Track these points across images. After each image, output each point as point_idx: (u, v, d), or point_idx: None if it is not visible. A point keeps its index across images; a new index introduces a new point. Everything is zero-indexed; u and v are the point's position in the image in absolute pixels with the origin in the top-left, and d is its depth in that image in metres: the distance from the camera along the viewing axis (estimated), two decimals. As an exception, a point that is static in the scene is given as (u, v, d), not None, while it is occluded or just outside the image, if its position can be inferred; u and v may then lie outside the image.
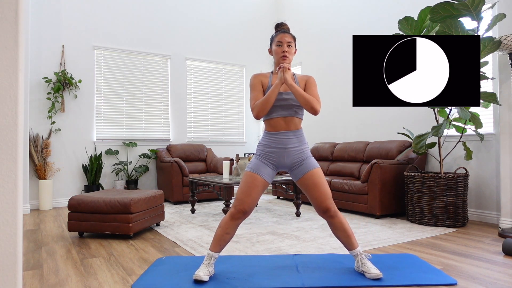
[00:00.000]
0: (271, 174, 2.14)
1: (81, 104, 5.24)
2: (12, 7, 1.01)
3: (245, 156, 4.05)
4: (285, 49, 2.12)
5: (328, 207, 2.08)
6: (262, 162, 2.12)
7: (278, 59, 2.15)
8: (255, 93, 2.13)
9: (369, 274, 2.03)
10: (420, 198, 3.56)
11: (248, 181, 2.08)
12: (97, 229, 3.09)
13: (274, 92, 2.03)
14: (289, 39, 2.14)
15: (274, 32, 2.24)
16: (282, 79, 2.04)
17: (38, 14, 4.95)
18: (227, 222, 2.06)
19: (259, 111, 2.04)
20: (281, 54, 2.13)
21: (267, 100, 2.03)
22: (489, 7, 3.32)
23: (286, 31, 2.17)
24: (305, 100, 2.02)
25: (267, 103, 2.03)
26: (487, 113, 3.74)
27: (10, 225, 1.00)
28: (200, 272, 2.00)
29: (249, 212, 2.07)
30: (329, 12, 5.89)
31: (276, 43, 2.16)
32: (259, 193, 2.09)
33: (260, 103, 2.04)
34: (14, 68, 1.01)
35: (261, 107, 2.03)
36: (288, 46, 2.14)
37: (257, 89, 2.14)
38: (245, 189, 2.07)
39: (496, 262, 2.36)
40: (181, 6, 6.13)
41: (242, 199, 2.06)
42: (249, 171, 2.10)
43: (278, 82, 2.04)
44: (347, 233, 2.10)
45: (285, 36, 2.14)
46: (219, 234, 2.07)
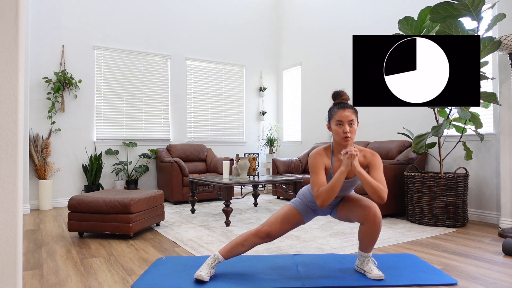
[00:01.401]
0: (311, 217, 2.21)
1: (81, 104, 5.24)
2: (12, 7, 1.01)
3: (245, 156, 4.05)
4: (347, 130, 1.93)
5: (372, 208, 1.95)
6: (307, 207, 2.15)
7: (340, 140, 1.97)
8: (319, 177, 1.96)
9: (371, 275, 2.03)
10: (420, 198, 3.56)
11: (290, 215, 2.11)
12: (97, 229, 3.09)
13: (340, 180, 1.87)
14: (350, 117, 1.94)
15: (333, 105, 2.04)
16: (349, 166, 1.87)
17: (38, 14, 4.95)
18: (248, 236, 2.06)
19: (324, 200, 1.89)
20: (343, 135, 1.94)
21: (333, 189, 1.87)
22: (489, 7, 3.32)
23: (346, 105, 1.98)
24: (373, 190, 1.85)
25: (333, 192, 1.88)
26: (487, 113, 3.73)
27: (10, 225, 1.00)
28: (202, 272, 2.00)
29: (273, 238, 2.08)
30: (329, 12, 5.89)
31: (336, 122, 1.96)
32: (291, 227, 2.13)
33: (325, 192, 1.88)
34: (14, 68, 1.01)
35: (326, 196, 1.88)
36: (350, 125, 1.95)
37: (320, 173, 1.97)
38: (283, 219, 2.09)
39: (496, 262, 2.36)
40: (181, 6, 6.13)
41: (275, 225, 2.07)
42: (297, 209, 2.13)
43: (344, 169, 1.88)
44: (375, 240, 2.03)
45: (346, 112, 1.94)
46: (236, 242, 2.07)
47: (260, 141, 6.92)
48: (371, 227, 1.97)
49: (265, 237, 2.05)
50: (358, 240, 2.10)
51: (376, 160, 1.99)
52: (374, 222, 1.95)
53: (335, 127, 1.98)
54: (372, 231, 1.98)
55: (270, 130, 6.95)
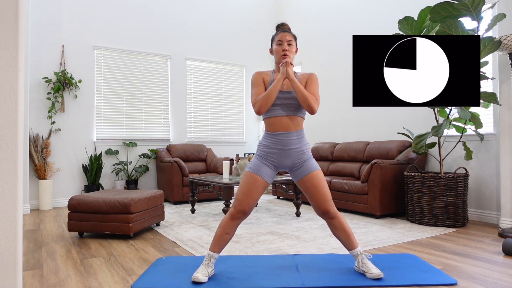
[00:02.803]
0: (271, 174, 2.12)
1: (81, 104, 5.24)
2: (12, 7, 1.01)
3: (245, 156, 4.05)
4: (286, 48, 2.10)
5: (327, 209, 2.08)
6: (262, 163, 2.10)
7: (279, 58, 2.12)
8: (257, 88, 2.11)
9: (370, 274, 2.03)
10: (420, 198, 3.56)
11: (248, 182, 2.06)
12: (97, 229, 3.09)
13: (276, 86, 2.01)
14: (289, 38, 2.12)
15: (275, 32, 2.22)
16: (284, 73, 2.02)
17: (38, 14, 4.95)
18: (226, 222, 2.06)
19: (260, 106, 2.02)
20: (282, 53, 2.10)
21: (269, 94, 2.01)
22: (489, 7, 3.32)
23: (286, 30, 2.16)
24: (304, 97, 2.00)
25: (269, 98, 2.01)
26: (487, 113, 3.73)
27: (10, 225, 1.00)
28: (199, 273, 2.00)
29: (248, 212, 2.07)
30: (329, 12, 5.89)
31: (276, 42, 2.14)
32: (259, 193, 2.08)
33: (261, 98, 2.02)
34: (14, 68, 1.01)
35: (263, 102, 2.01)
36: (288, 44, 2.12)
37: (259, 86, 2.12)
38: (245, 190, 2.06)
39: (496, 262, 2.36)
40: (181, 6, 6.13)
41: (242, 199, 2.05)
42: (249, 171, 2.09)
43: (281, 76, 2.02)
44: (346, 232, 2.10)
45: (286, 35, 2.12)
46: (219, 234, 2.07)
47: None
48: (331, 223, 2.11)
49: (241, 216, 2.06)
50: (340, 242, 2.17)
51: (312, 77, 2.15)
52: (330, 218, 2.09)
53: (275, 46, 2.14)
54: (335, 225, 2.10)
55: (270, 130, 6.93)
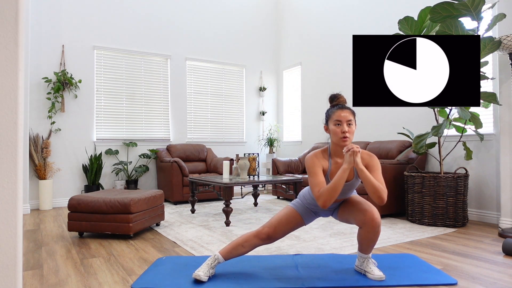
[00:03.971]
0: (312, 219, 2.18)
1: (81, 104, 5.24)
2: (12, 7, 1.01)
3: (245, 156, 4.05)
4: (345, 129, 1.90)
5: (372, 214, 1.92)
6: (307, 209, 2.14)
7: (338, 140, 1.93)
8: (319, 178, 1.92)
9: (372, 275, 2.03)
10: (420, 198, 3.56)
11: (290, 217, 2.09)
12: (97, 229, 3.09)
13: (343, 178, 1.83)
14: (348, 117, 1.91)
15: (330, 107, 2.03)
16: (351, 163, 1.83)
17: (38, 14, 4.95)
18: (249, 236, 2.06)
19: (325, 201, 1.83)
20: (341, 135, 1.91)
21: (335, 188, 1.82)
22: (489, 7, 3.32)
23: (343, 106, 1.97)
24: (374, 189, 1.82)
25: (335, 192, 1.82)
26: (487, 113, 3.73)
27: (10, 225, 1.00)
28: (201, 272, 1.99)
29: (273, 240, 2.08)
30: (329, 12, 5.89)
31: (334, 122, 1.93)
32: (292, 229, 2.12)
33: (327, 191, 1.83)
34: (14, 68, 1.01)
35: (328, 196, 1.83)
36: (348, 125, 1.91)
37: (319, 174, 1.93)
38: (283, 221, 2.08)
39: (496, 262, 2.36)
40: (181, 6, 6.13)
41: (275, 226, 2.07)
42: (297, 211, 2.11)
43: (347, 166, 1.83)
44: (374, 243, 2.02)
45: (345, 114, 1.91)
46: (236, 243, 2.07)
47: (260, 141, 6.92)
48: (370, 231, 1.96)
49: (265, 239, 2.05)
50: (358, 242, 2.09)
51: (374, 162, 1.96)
52: (373, 227, 1.94)
53: (333, 127, 1.95)
54: (371, 234, 1.97)
55: (270, 130, 6.94)
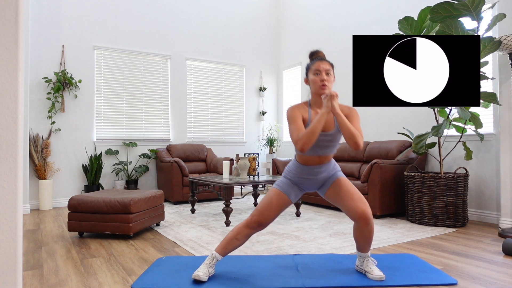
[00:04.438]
0: (298, 195, 2.15)
1: (81, 104, 5.24)
2: (12, 7, 1.01)
3: (245, 156, 4.05)
4: (324, 77, 1.98)
5: (364, 210, 1.96)
6: (292, 185, 2.11)
7: (317, 89, 1.99)
8: (298, 124, 1.96)
9: (372, 275, 2.03)
10: (420, 198, 3.56)
11: (275, 198, 2.06)
12: (97, 229, 3.09)
13: (321, 121, 1.87)
14: (327, 67, 2.00)
15: (310, 61, 2.11)
16: (329, 107, 1.87)
17: (38, 14, 4.95)
18: (240, 228, 2.06)
19: (304, 144, 1.86)
20: (320, 83, 1.98)
21: (313, 131, 1.86)
22: (489, 7, 3.32)
23: (322, 58, 2.04)
24: (351, 134, 1.87)
25: (313, 135, 1.87)
26: (487, 113, 3.73)
27: (10, 225, 1.00)
28: (200, 272, 1.99)
29: (264, 226, 2.06)
30: (329, 12, 5.89)
31: (313, 71, 2.01)
32: (281, 211, 2.08)
33: (305, 135, 1.87)
34: (14, 68, 1.01)
35: (307, 139, 1.86)
36: (326, 74, 1.99)
37: (298, 120, 1.98)
38: (269, 204, 2.05)
39: (496, 262, 2.36)
40: (181, 6, 6.13)
41: (263, 212, 2.05)
42: (280, 190, 2.09)
43: (325, 110, 1.87)
44: (370, 239, 2.04)
45: (323, 64, 2.00)
46: (229, 237, 2.06)
47: (260, 141, 6.92)
48: (363, 228, 1.98)
49: (257, 227, 2.05)
50: (355, 241, 2.10)
51: (353, 113, 2.05)
52: (366, 223, 1.97)
53: (312, 77, 2.02)
54: (365, 231, 1.99)
55: (270, 130, 6.94)
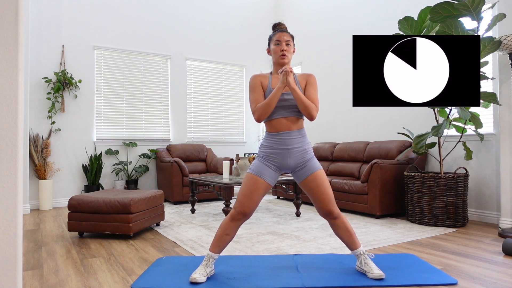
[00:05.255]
0: (274, 176, 2.10)
1: (81, 104, 5.24)
2: (12, 6, 1.01)
3: (245, 156, 4.05)
4: (284, 48, 2.08)
5: (331, 209, 2.07)
6: (264, 164, 2.08)
7: (277, 58, 2.10)
8: (256, 95, 2.08)
9: (372, 274, 2.03)
10: (420, 198, 3.56)
11: (250, 184, 2.04)
12: (97, 229, 3.09)
13: (276, 95, 1.98)
14: (287, 38, 2.09)
15: (272, 32, 2.19)
16: (284, 82, 1.98)
17: (38, 14, 4.95)
18: (227, 223, 2.05)
19: (260, 115, 2.01)
20: (280, 53, 2.08)
21: (269, 103, 1.99)
22: (489, 7, 3.32)
23: (284, 30, 2.13)
24: (304, 106, 1.99)
25: (269, 107, 1.99)
26: (487, 113, 3.73)
27: (10, 225, 1.00)
28: (197, 274, 2.00)
29: (249, 215, 2.05)
30: (329, 12, 5.89)
31: (274, 42, 2.11)
32: (260, 195, 2.05)
33: (261, 106, 2.00)
34: (14, 68, 1.01)
35: (263, 110, 2.00)
36: (286, 44, 2.09)
37: (257, 91, 2.08)
38: (246, 192, 2.03)
39: (496, 262, 2.36)
40: (181, 6, 6.13)
41: (243, 201, 2.03)
42: (251, 173, 2.07)
43: (281, 85, 1.98)
44: (349, 232, 2.09)
45: (283, 35, 2.09)
46: (219, 234, 2.06)
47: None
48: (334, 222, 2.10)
49: (242, 218, 2.04)
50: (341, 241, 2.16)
51: (311, 79, 2.13)
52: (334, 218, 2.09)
53: (273, 47, 2.11)
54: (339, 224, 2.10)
55: (270, 130, 6.94)
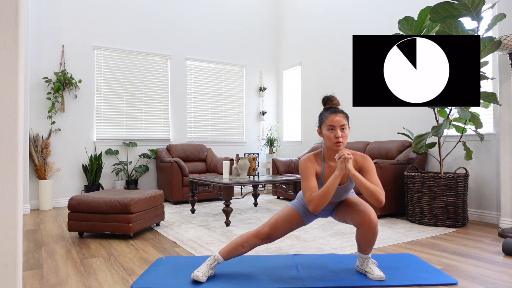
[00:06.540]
0: (312, 220, 2.17)
1: (81, 104, 5.24)
2: (12, 7, 1.01)
3: (245, 156, 4.05)
4: (339, 135, 1.90)
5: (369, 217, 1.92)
6: (307, 210, 2.12)
7: (331, 145, 1.94)
8: (310, 182, 1.93)
9: (372, 275, 2.03)
10: (420, 198, 3.56)
11: (290, 216, 2.08)
12: (97, 229, 3.09)
13: (334, 184, 1.84)
14: (343, 122, 1.91)
15: (323, 110, 2.02)
16: (343, 169, 1.84)
17: (38, 14, 4.95)
18: (249, 237, 2.05)
19: (317, 205, 1.85)
20: (335, 141, 1.91)
21: (326, 194, 1.84)
22: (489, 7, 3.32)
23: (337, 110, 1.96)
24: (370, 192, 1.82)
25: (326, 198, 1.84)
26: (487, 113, 3.73)
27: (10, 225, 1.00)
28: (199, 272, 1.99)
29: (273, 239, 2.07)
30: (329, 12, 5.89)
31: (327, 127, 1.93)
32: (292, 228, 2.10)
33: (318, 197, 1.84)
34: (14, 68, 1.01)
35: (319, 201, 1.84)
36: (342, 129, 1.91)
37: (311, 179, 1.94)
38: (283, 221, 2.07)
39: (496, 262, 2.36)
40: (181, 6, 6.13)
41: (274, 225, 2.06)
42: (295, 210, 2.11)
43: (339, 173, 1.84)
44: (372, 243, 2.03)
45: (338, 119, 1.91)
46: (236, 243, 2.06)
47: (260, 141, 6.92)
48: (367, 232, 1.96)
49: (265, 239, 2.04)
50: (356, 243, 2.09)
51: (368, 163, 1.96)
52: (369, 228, 1.94)
53: (326, 132, 1.95)
54: (369, 235, 1.97)
55: (270, 130, 6.94)
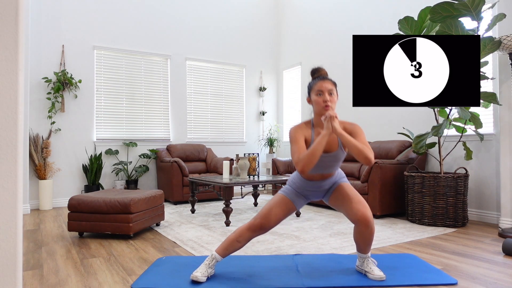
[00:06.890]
0: (303, 203, 2.16)
1: (81, 104, 5.24)
2: (12, 7, 1.01)
3: (245, 156, 4.05)
4: (327, 98, 1.95)
5: (364, 213, 1.94)
6: (297, 194, 2.12)
7: (320, 109, 1.97)
8: (299, 144, 1.95)
9: (372, 275, 2.03)
10: (420, 198, 3.56)
11: (279, 202, 2.07)
12: (97, 229, 3.09)
13: (322, 143, 1.84)
14: (330, 87, 1.96)
15: (311, 79, 2.07)
16: (330, 128, 1.86)
17: (38, 14, 4.95)
18: (242, 231, 2.05)
19: (304, 165, 1.84)
20: (323, 104, 1.95)
21: (314, 153, 1.84)
22: (489, 7, 3.32)
23: (325, 77, 2.01)
24: (359, 150, 1.83)
25: (314, 157, 1.84)
26: (487, 113, 3.73)
27: (10, 225, 1.00)
28: (198, 272, 1.99)
29: (266, 230, 2.05)
30: (329, 12, 5.89)
31: (316, 92, 1.98)
32: (284, 216, 2.08)
33: (305, 156, 1.85)
34: (14, 68, 1.01)
35: (307, 160, 1.84)
36: (329, 94, 1.96)
37: (300, 141, 1.96)
38: (273, 208, 2.06)
39: (496, 262, 2.36)
40: (181, 6, 6.13)
41: (266, 215, 2.04)
42: (285, 195, 2.10)
43: (326, 132, 1.85)
44: (370, 241, 2.03)
45: (326, 84, 1.96)
46: (231, 238, 2.05)
47: (260, 141, 6.92)
48: (364, 230, 1.97)
49: (258, 230, 2.04)
50: (355, 242, 2.09)
51: (357, 128, 2.00)
52: (366, 226, 1.95)
53: (315, 97, 1.99)
54: (366, 233, 1.97)
55: (270, 130, 6.95)
